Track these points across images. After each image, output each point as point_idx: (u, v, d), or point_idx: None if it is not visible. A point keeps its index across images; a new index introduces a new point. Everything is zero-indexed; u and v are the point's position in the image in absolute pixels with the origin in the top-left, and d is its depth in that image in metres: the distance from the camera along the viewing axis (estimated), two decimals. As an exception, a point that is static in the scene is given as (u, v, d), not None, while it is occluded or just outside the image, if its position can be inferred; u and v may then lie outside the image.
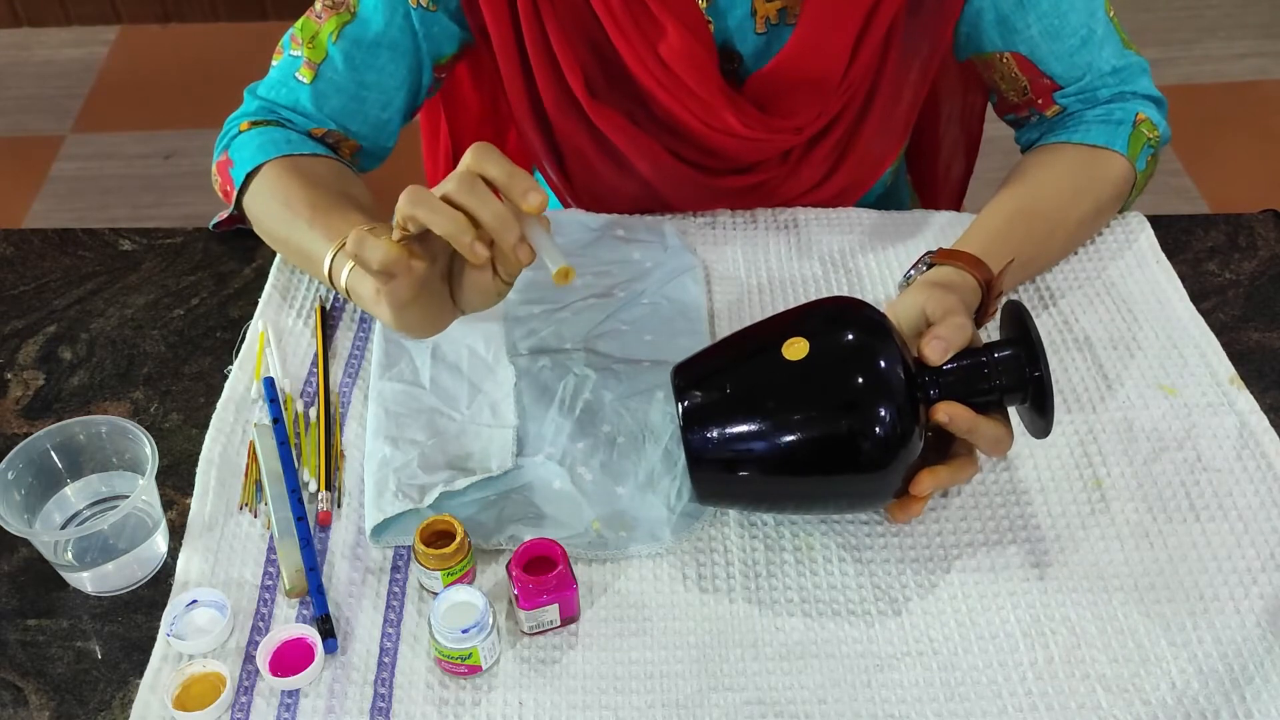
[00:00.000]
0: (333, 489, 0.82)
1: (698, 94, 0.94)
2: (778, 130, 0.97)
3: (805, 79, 0.95)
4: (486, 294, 0.76)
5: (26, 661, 0.74)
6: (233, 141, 0.97)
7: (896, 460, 0.71)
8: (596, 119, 0.98)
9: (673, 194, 1.04)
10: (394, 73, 0.98)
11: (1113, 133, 0.97)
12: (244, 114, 1.00)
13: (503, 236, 0.70)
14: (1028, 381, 0.73)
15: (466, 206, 0.70)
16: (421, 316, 0.76)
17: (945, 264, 0.86)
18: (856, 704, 0.71)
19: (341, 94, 0.97)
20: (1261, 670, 0.72)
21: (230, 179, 0.96)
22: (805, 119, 0.98)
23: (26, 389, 0.91)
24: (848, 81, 0.96)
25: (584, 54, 0.96)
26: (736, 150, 1.00)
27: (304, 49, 0.97)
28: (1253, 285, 0.97)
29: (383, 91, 0.98)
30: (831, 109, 0.98)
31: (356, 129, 0.99)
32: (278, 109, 0.98)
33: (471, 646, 0.70)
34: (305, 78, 0.97)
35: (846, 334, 0.73)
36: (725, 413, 0.73)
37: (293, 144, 0.95)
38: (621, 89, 0.97)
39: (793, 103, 0.97)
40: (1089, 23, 0.96)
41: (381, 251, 0.70)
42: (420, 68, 1.00)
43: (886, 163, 1.07)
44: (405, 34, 0.96)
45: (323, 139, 0.99)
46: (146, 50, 2.76)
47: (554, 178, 1.09)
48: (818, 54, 0.93)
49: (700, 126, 0.96)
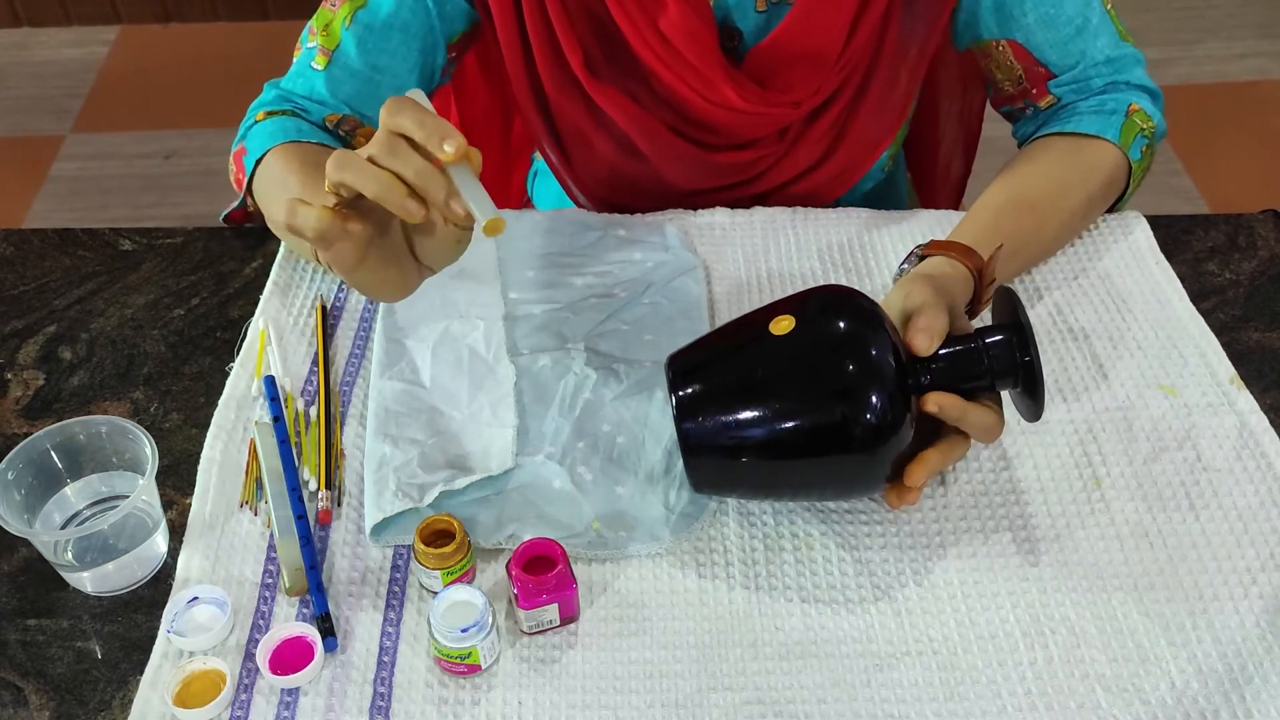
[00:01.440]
0: (333, 487, 0.82)
1: (698, 69, 0.96)
2: (776, 104, 0.99)
3: (803, 54, 0.96)
4: (446, 246, 0.73)
5: (26, 661, 0.74)
6: (249, 131, 0.98)
7: (887, 443, 0.71)
8: (596, 96, 0.99)
9: (671, 171, 1.05)
10: (406, 55, 0.99)
11: (1105, 122, 0.97)
12: (262, 104, 1.00)
13: (431, 194, 0.68)
14: (1018, 366, 0.73)
15: (390, 168, 0.68)
16: (380, 278, 0.74)
17: (937, 255, 0.86)
18: (856, 703, 0.71)
19: (355, 79, 0.98)
20: (1261, 670, 0.72)
21: (243, 167, 0.96)
22: (803, 94, 0.99)
23: (26, 389, 0.91)
24: (845, 58, 0.97)
25: (584, 30, 0.97)
26: (735, 125, 1.00)
27: (319, 38, 0.98)
28: (1253, 285, 0.97)
29: (395, 75, 0.99)
30: (829, 85, 0.99)
31: (371, 113, 1.00)
32: (294, 98, 0.99)
33: (471, 646, 0.70)
34: (319, 65, 0.98)
35: (835, 314, 0.74)
36: (715, 396, 0.74)
37: (303, 133, 0.95)
38: (621, 66, 0.98)
39: (791, 78, 0.98)
40: (1085, 12, 0.97)
41: (314, 218, 0.68)
42: (434, 48, 1.01)
43: (883, 146, 1.08)
44: (416, 14, 0.98)
45: (338, 126, 1.00)
46: (146, 50, 2.76)
47: (554, 159, 1.10)
48: (815, 30, 0.95)
49: (699, 102, 0.97)
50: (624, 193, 1.07)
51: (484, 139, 1.25)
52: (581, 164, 1.09)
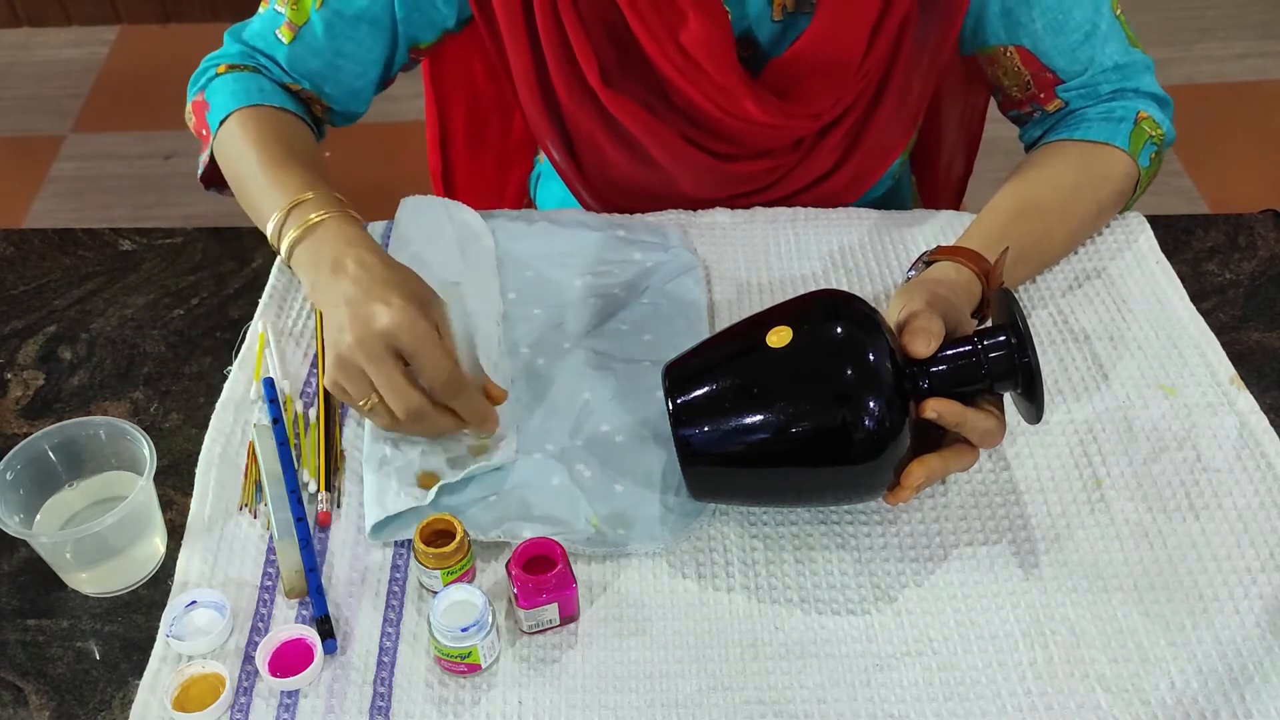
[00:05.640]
0: (332, 489, 0.82)
1: (717, 81, 0.95)
2: (795, 116, 0.99)
3: (823, 66, 0.96)
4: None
5: (26, 661, 0.74)
6: (210, 84, 0.98)
7: (885, 449, 0.71)
8: (611, 106, 0.99)
9: (684, 179, 1.05)
10: (372, 46, 1.00)
11: (1114, 129, 0.97)
12: (224, 55, 1.01)
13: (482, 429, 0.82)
14: (1017, 367, 0.73)
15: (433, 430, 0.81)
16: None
17: (944, 260, 0.86)
18: (856, 703, 0.71)
19: (318, 58, 0.99)
20: (1261, 670, 0.72)
21: (205, 122, 0.97)
22: (822, 106, 0.99)
23: (26, 389, 0.91)
24: (864, 69, 0.97)
25: (600, 41, 0.97)
26: (753, 137, 1.01)
27: (288, 8, 0.98)
28: (1253, 285, 0.97)
29: (359, 63, 1.00)
30: (848, 96, 0.99)
31: (330, 92, 1.01)
32: (256, 55, 1.00)
33: (471, 645, 0.70)
34: (284, 38, 0.98)
35: (832, 322, 0.74)
36: (711, 406, 0.73)
37: (265, 94, 0.97)
38: (637, 76, 0.98)
39: (810, 90, 0.98)
40: (1093, 18, 0.97)
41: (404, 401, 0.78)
42: (396, 47, 1.01)
43: (895, 153, 1.08)
44: (387, 12, 0.98)
45: (296, 94, 1.01)
46: (146, 50, 2.76)
47: (562, 163, 1.10)
48: (835, 41, 0.95)
49: (718, 113, 0.97)
50: (635, 200, 1.07)
51: (482, 138, 1.25)
52: (593, 171, 1.09)
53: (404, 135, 2.28)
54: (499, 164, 1.29)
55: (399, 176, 1.65)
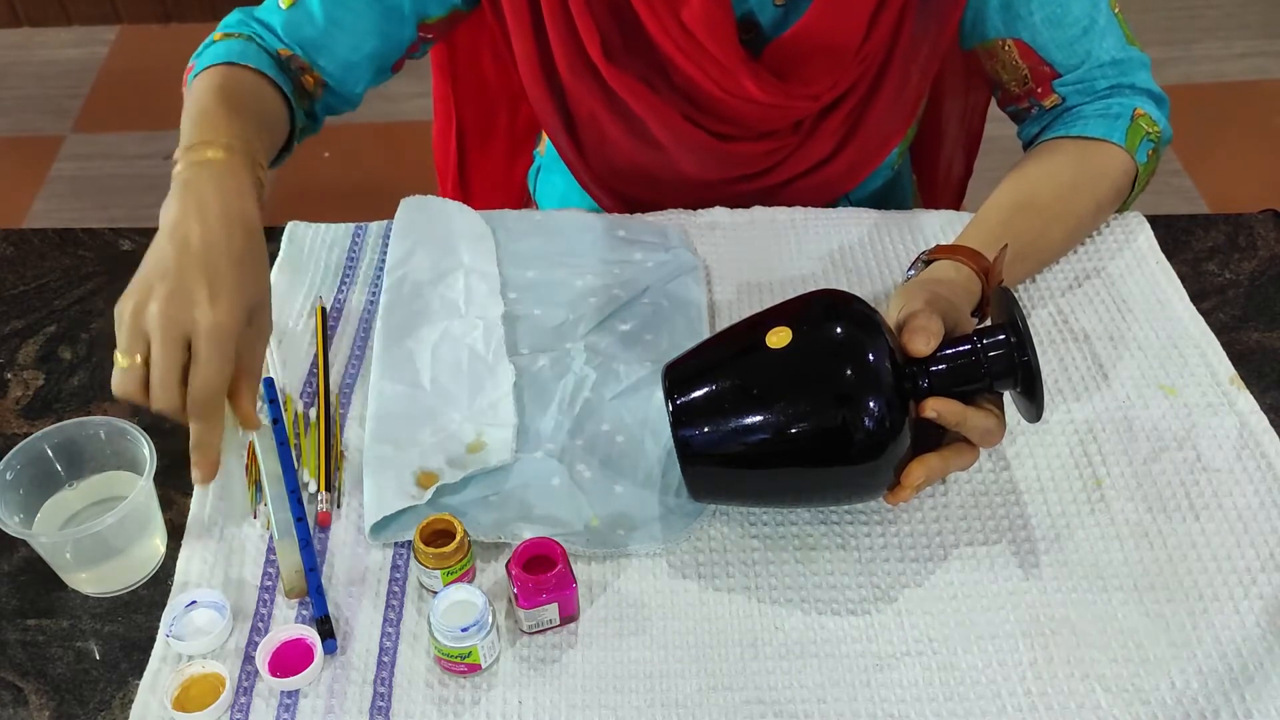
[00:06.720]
0: (332, 489, 0.82)
1: (718, 60, 0.96)
2: (794, 97, 0.99)
3: (823, 48, 0.97)
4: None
5: (26, 661, 0.74)
6: (204, 51, 0.99)
7: (885, 450, 0.71)
8: (612, 82, 1.00)
9: (685, 160, 1.05)
10: (368, 16, 0.99)
11: (1110, 126, 0.97)
12: (223, 25, 1.01)
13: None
14: (1016, 366, 0.73)
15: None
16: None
17: (943, 259, 0.86)
18: (856, 703, 0.71)
19: (313, 26, 0.99)
20: (1261, 670, 0.72)
21: (185, 83, 0.97)
22: (821, 87, 0.99)
23: (26, 389, 0.91)
24: (863, 53, 0.98)
25: (602, 17, 0.97)
26: (753, 117, 1.01)
27: None
28: (1253, 285, 0.97)
29: (353, 34, 0.99)
30: (847, 79, 1.00)
31: (323, 64, 1.00)
32: (252, 23, 1.00)
33: (471, 645, 0.70)
34: (284, 3, 0.99)
35: (832, 322, 0.74)
36: (711, 406, 0.73)
37: (246, 56, 0.96)
38: (638, 53, 0.99)
39: (810, 71, 0.98)
40: (1091, 13, 0.97)
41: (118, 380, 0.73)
42: (400, 20, 1.00)
43: (893, 143, 1.09)
44: None
45: (288, 61, 1.00)
46: (146, 50, 2.76)
47: (565, 146, 1.10)
48: (837, 24, 0.95)
49: (718, 92, 0.98)
50: (636, 183, 1.08)
51: (491, 130, 1.25)
52: (594, 153, 1.09)
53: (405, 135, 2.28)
54: (507, 156, 1.29)
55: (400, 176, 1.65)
